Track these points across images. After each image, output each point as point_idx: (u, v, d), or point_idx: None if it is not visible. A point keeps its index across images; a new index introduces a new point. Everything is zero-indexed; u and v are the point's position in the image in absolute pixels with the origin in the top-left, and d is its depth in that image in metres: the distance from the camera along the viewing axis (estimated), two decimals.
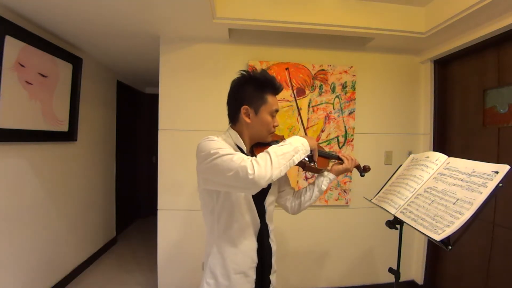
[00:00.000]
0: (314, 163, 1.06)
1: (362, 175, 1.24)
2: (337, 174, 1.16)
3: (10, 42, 1.72)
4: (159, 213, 2.20)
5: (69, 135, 2.43)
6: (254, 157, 0.85)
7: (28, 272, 1.98)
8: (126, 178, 3.93)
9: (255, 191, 0.85)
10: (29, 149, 1.99)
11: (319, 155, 1.11)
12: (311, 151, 0.98)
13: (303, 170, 1.12)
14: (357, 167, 1.23)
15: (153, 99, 4.16)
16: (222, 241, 1.01)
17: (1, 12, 1.67)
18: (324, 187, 1.15)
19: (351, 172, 1.18)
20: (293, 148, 0.90)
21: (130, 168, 4.13)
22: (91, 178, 2.89)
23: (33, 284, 2.02)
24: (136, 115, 4.33)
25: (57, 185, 2.33)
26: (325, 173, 1.16)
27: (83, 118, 2.64)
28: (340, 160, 1.18)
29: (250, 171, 0.79)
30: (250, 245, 1.02)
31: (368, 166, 1.25)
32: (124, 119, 3.76)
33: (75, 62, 2.44)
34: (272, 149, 0.87)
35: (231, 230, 1.00)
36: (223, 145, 0.90)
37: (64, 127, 2.36)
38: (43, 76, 2.06)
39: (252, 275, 1.02)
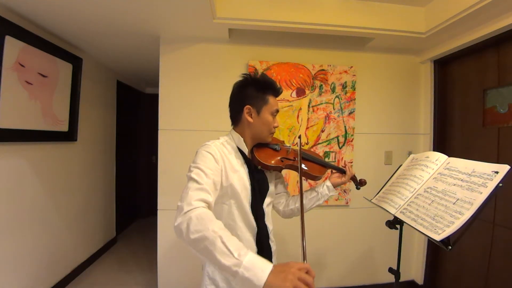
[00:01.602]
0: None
1: (357, 188, 1.27)
2: (335, 186, 1.19)
3: (10, 42, 1.72)
4: (159, 213, 2.20)
5: (69, 135, 2.43)
6: (201, 211, 0.73)
7: (28, 272, 1.98)
8: (126, 178, 3.93)
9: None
10: (29, 149, 1.99)
11: (315, 163, 1.16)
12: None
13: (299, 174, 1.09)
14: (353, 179, 1.24)
15: (153, 99, 4.16)
16: None
17: (1, 12, 1.67)
18: (320, 202, 1.18)
19: (345, 183, 1.21)
20: (231, 270, 0.63)
21: (130, 168, 4.13)
22: (91, 178, 2.89)
23: (33, 284, 2.02)
24: (136, 115, 4.32)
25: (57, 185, 2.33)
26: (326, 187, 1.17)
27: (83, 118, 2.64)
28: (335, 168, 1.20)
29: (178, 219, 0.73)
30: (248, 248, 1.01)
31: (365, 180, 1.27)
32: (124, 119, 3.76)
33: (75, 62, 2.44)
34: (217, 240, 0.66)
35: None
36: (207, 164, 0.89)
37: (64, 127, 2.36)
38: (43, 76, 2.06)
39: None
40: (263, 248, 1.04)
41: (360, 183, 1.26)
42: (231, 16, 1.91)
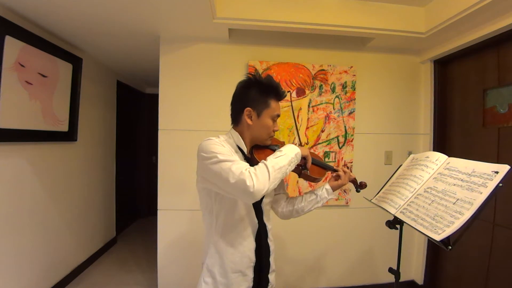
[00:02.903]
0: (306, 171, 1.08)
1: (357, 191, 1.25)
2: (334, 189, 1.17)
3: (10, 42, 1.72)
4: (159, 213, 2.20)
5: (69, 135, 2.43)
6: (253, 169, 0.87)
7: (28, 272, 1.98)
8: (126, 178, 3.93)
9: (251, 202, 0.89)
10: (29, 149, 1.99)
11: (315, 164, 1.15)
12: (304, 158, 1.03)
13: (299, 177, 1.13)
14: (353, 181, 1.23)
15: (153, 99, 4.16)
16: (220, 241, 1.02)
17: (1, 12, 1.67)
18: (319, 205, 1.17)
19: (345, 184, 1.20)
20: (288, 161, 0.93)
21: (130, 168, 4.13)
22: (91, 178, 2.89)
23: (33, 284, 2.02)
24: (136, 115, 4.33)
25: (57, 185, 2.33)
26: (325, 190, 1.16)
27: (83, 118, 2.64)
28: (335, 171, 1.19)
29: (249, 184, 0.82)
30: (248, 245, 1.03)
31: (365, 183, 1.24)
32: (124, 119, 3.76)
33: (75, 62, 2.44)
34: (270, 162, 0.90)
35: (229, 231, 1.01)
36: (223, 150, 0.93)
37: (64, 127, 2.36)
38: (43, 76, 2.06)
39: (250, 274, 1.03)
40: (262, 245, 1.05)
41: (360, 186, 1.24)
42: (231, 16, 1.91)
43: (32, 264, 2.02)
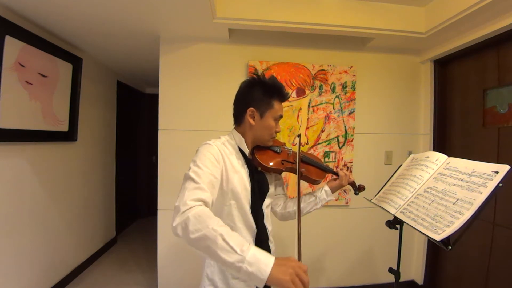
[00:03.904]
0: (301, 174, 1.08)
1: (356, 194, 1.25)
2: (333, 191, 1.18)
3: (10, 42, 1.72)
4: (159, 213, 2.20)
5: (69, 135, 2.43)
6: (197, 210, 0.72)
7: (28, 272, 1.98)
8: (126, 178, 3.93)
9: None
10: (29, 149, 1.99)
11: (314, 166, 1.15)
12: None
13: (297, 177, 1.09)
14: (352, 184, 1.24)
15: (153, 99, 4.16)
16: None
17: (1, 12, 1.67)
18: (318, 207, 1.17)
19: (344, 186, 1.20)
20: (228, 261, 0.65)
21: (130, 168, 4.13)
22: (91, 178, 2.89)
23: (33, 284, 2.02)
24: (136, 115, 4.32)
25: (57, 185, 2.33)
26: (323, 192, 1.16)
27: (83, 118, 2.64)
28: (334, 173, 1.19)
29: (174, 218, 0.73)
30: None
31: (363, 186, 1.25)
32: (124, 119, 3.76)
33: (75, 62, 2.44)
34: (216, 237, 0.67)
35: None
36: (206, 162, 0.88)
37: (64, 127, 2.36)
38: (43, 76, 2.06)
39: None
40: (262, 248, 1.03)
41: (358, 189, 1.25)
42: (231, 16, 1.91)
43: (32, 264, 2.02)
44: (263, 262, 0.64)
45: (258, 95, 1.01)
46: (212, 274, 1.01)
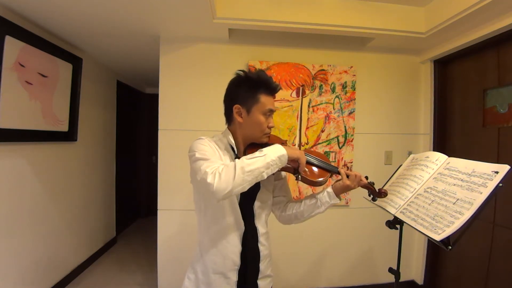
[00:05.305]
0: (299, 175, 0.96)
1: (374, 200, 1.10)
2: (338, 193, 1.04)
3: (10, 42, 1.72)
4: (159, 213, 2.20)
5: (69, 135, 2.43)
6: (221, 167, 0.83)
7: (28, 272, 1.98)
8: (126, 178, 3.93)
9: (217, 200, 0.83)
10: (29, 149, 1.99)
11: (315, 165, 1.04)
12: (295, 160, 0.92)
13: (296, 180, 0.99)
14: (368, 188, 1.07)
15: (153, 99, 4.16)
16: (205, 240, 1.02)
17: (1, 12, 1.67)
18: (321, 210, 1.08)
19: (352, 188, 1.03)
20: (265, 163, 0.84)
21: (130, 168, 4.13)
22: (91, 178, 2.89)
23: (33, 284, 2.02)
24: (136, 115, 4.33)
25: (57, 185, 2.33)
26: (326, 194, 1.04)
27: (83, 118, 2.64)
28: (338, 173, 1.05)
29: (210, 182, 0.80)
30: (231, 247, 0.99)
31: (385, 191, 1.11)
32: (124, 119, 3.76)
33: (75, 62, 2.44)
34: (240, 162, 0.83)
35: (213, 230, 1.00)
36: (205, 148, 0.93)
37: (64, 127, 2.36)
38: (43, 76, 2.06)
39: (233, 277, 1.00)
40: (248, 249, 1.01)
41: (379, 194, 1.09)
42: (231, 16, 1.91)
43: (32, 263, 2.02)
44: (277, 148, 0.89)
45: (243, 91, 0.98)
46: (195, 263, 1.07)
